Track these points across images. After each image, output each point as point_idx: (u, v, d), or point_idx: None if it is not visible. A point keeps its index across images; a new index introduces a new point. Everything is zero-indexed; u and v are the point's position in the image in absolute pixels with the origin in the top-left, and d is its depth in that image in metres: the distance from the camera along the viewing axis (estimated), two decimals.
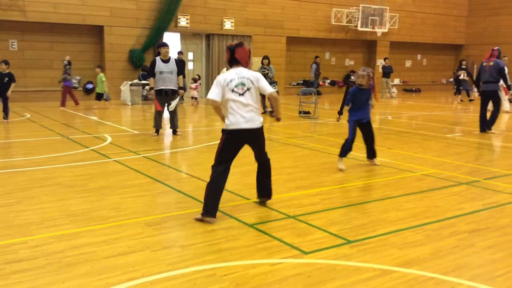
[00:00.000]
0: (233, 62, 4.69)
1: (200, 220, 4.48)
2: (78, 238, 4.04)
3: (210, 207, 4.48)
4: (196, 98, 16.76)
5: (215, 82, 4.62)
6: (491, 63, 10.25)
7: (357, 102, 6.72)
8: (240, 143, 4.70)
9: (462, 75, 20.25)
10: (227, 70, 6.13)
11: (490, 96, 10.43)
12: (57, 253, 3.71)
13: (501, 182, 6.17)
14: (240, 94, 4.56)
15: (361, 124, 6.82)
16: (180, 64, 9.67)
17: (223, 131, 4.66)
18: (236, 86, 4.55)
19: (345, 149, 6.78)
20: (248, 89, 4.60)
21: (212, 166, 4.64)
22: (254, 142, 4.83)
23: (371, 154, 7.02)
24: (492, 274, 3.48)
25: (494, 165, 7.30)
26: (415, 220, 4.64)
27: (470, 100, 19.47)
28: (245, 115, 4.59)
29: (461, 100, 19.71)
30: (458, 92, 20.42)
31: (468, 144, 9.24)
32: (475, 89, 24.49)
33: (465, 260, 3.71)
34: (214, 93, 4.55)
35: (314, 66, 20.58)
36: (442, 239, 4.15)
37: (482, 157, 8.07)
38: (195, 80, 16.99)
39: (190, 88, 17.09)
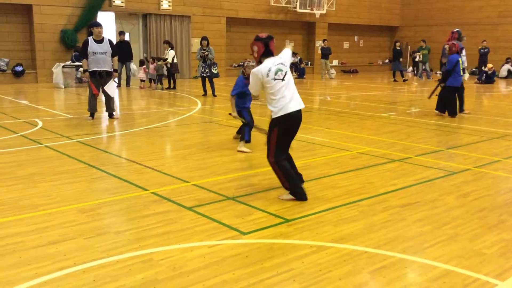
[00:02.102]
0: (268, 54, 4.71)
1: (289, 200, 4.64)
2: (5, 228, 3.82)
3: (297, 188, 4.66)
4: (143, 81, 16.15)
5: (253, 76, 4.67)
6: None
7: (243, 91, 6.79)
8: (295, 126, 4.72)
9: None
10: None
11: None
12: None
13: (431, 158, 6.46)
14: (282, 80, 4.63)
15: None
16: (119, 45, 9.34)
17: (274, 121, 4.64)
18: (275, 73, 4.62)
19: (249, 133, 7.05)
20: (286, 73, 4.69)
21: (273, 158, 4.68)
22: (299, 125, 4.77)
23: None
24: (421, 246, 3.65)
25: (425, 142, 7.63)
26: (350, 197, 4.77)
27: (404, 80, 20.21)
28: (294, 97, 4.67)
29: (394, 80, 20.43)
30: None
31: (402, 122, 9.59)
32: (409, 70, 25.46)
33: (397, 234, 3.86)
34: (253, 89, 4.76)
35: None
36: (375, 214, 4.29)
37: (414, 135, 8.41)
38: (141, 63, 16.36)
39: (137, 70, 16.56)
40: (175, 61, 15.60)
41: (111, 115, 9.42)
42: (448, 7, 25.73)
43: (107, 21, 17.88)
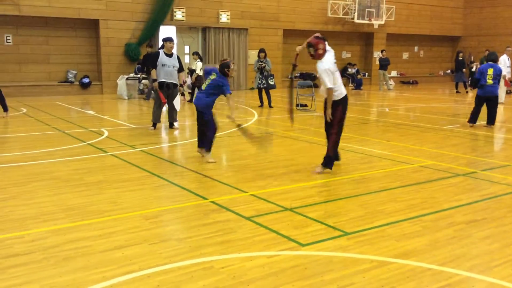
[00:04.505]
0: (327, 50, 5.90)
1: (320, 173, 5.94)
2: (74, 232, 4.03)
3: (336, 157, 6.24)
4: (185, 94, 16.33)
5: (326, 72, 5.76)
6: None
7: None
8: (347, 105, 6.13)
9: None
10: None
11: None
12: (53, 248, 3.69)
13: (498, 173, 6.17)
14: (336, 70, 5.97)
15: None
16: (146, 57, 9.73)
17: (337, 102, 5.91)
18: (335, 66, 5.91)
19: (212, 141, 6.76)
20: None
21: (337, 132, 5.99)
22: None
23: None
24: (489, 265, 3.49)
25: (491, 157, 7.30)
26: (412, 211, 4.64)
27: (467, 92, 19.47)
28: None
29: (457, 92, 19.72)
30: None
31: (466, 135, 9.24)
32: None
33: (462, 251, 3.71)
34: (331, 82, 5.78)
35: None
36: (439, 230, 4.15)
37: (480, 149, 8.07)
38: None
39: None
40: (201, 73, 15.51)
41: (171, 125, 9.71)
42: None
43: (168, 34, 18.45)
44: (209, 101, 6.63)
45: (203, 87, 6.69)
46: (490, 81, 10.02)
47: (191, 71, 15.29)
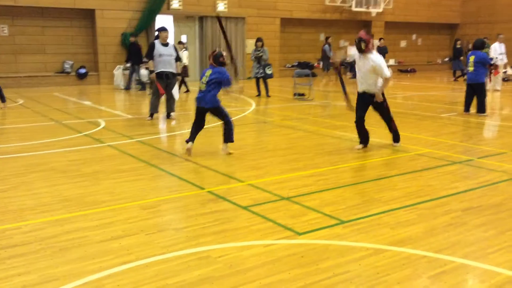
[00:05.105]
0: None
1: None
2: (71, 223, 4.04)
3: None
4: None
5: (384, 63, 6.51)
6: None
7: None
8: None
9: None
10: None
11: None
12: (51, 238, 3.71)
13: (494, 161, 6.19)
14: None
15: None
16: (130, 48, 9.62)
17: (383, 94, 6.65)
18: None
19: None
20: None
21: (391, 117, 6.82)
22: None
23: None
24: (484, 251, 3.51)
25: (487, 144, 7.32)
26: (408, 199, 4.66)
27: (465, 80, 19.39)
28: None
29: (455, 80, 19.68)
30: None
31: (463, 123, 9.24)
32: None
33: (458, 238, 3.73)
34: (388, 72, 6.48)
35: (326, 47, 19.88)
36: (436, 217, 4.17)
37: (476, 136, 8.08)
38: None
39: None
40: (187, 63, 15.01)
41: (169, 115, 9.69)
42: None
43: (165, 23, 18.35)
44: (214, 95, 6.34)
45: (202, 87, 6.38)
46: (470, 68, 10.07)
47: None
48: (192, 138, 6.52)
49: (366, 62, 6.54)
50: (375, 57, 6.53)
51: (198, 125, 6.59)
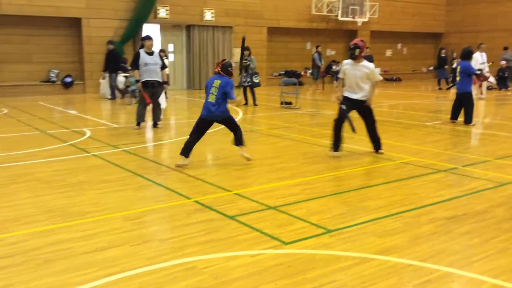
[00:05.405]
0: None
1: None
2: (55, 234, 3.98)
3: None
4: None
5: (375, 69, 6.84)
6: None
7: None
8: None
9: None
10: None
11: None
12: (34, 250, 3.65)
13: (478, 169, 6.26)
14: None
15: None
16: (107, 56, 9.60)
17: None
18: None
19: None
20: None
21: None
22: None
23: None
24: (469, 260, 3.54)
25: (472, 152, 7.40)
26: (393, 208, 4.68)
27: (448, 88, 19.66)
28: None
29: (439, 88, 19.91)
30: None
31: (448, 132, 9.34)
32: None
33: (443, 247, 3.76)
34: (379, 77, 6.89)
35: (316, 55, 19.98)
36: (420, 226, 4.20)
37: (461, 145, 8.17)
38: None
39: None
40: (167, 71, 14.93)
41: (155, 124, 9.65)
42: (497, 13, 24.91)
43: (152, 32, 18.33)
44: (225, 107, 6.23)
45: (211, 98, 6.17)
46: (458, 78, 10.21)
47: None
48: (187, 152, 6.27)
49: (359, 69, 6.76)
50: (366, 63, 6.82)
51: (198, 137, 6.39)
